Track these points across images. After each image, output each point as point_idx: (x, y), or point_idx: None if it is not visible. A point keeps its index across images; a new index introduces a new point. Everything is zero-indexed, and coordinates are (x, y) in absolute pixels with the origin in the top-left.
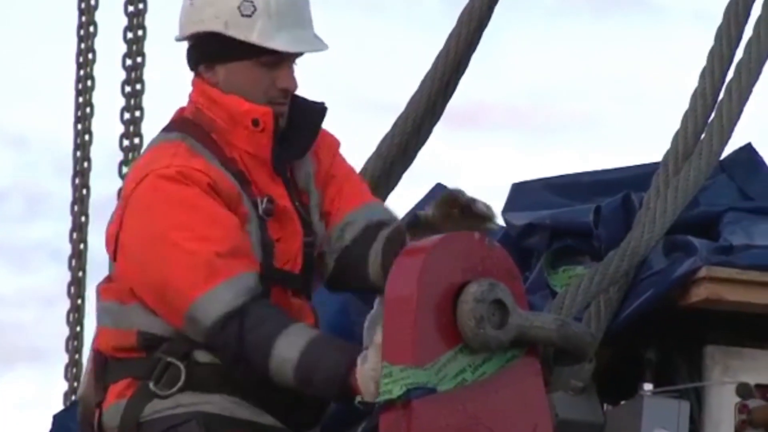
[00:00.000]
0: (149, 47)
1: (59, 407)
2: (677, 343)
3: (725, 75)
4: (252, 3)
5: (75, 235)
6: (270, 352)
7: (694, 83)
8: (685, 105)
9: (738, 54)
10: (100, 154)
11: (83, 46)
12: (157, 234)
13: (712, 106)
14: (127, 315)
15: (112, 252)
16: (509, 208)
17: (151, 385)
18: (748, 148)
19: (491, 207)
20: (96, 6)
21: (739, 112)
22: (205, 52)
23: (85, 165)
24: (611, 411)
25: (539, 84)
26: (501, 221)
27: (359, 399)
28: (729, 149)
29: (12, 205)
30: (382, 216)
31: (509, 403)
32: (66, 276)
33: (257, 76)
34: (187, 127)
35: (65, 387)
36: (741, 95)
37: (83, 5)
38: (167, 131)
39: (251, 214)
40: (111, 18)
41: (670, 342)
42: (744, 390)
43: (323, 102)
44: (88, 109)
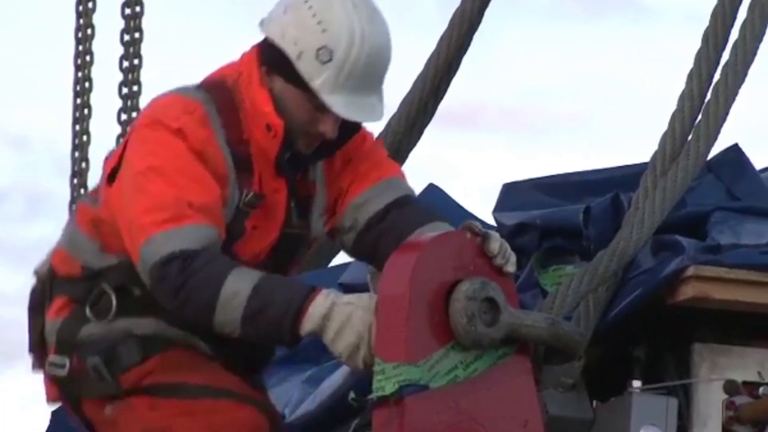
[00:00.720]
0: (146, 49)
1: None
2: (665, 341)
3: (712, 77)
4: (331, 52)
5: None
6: (220, 287)
7: (683, 85)
8: (674, 106)
9: (725, 56)
10: (98, 154)
11: (81, 48)
12: (143, 169)
13: (699, 107)
14: (81, 245)
15: (106, 175)
16: (500, 207)
17: (87, 311)
18: (734, 148)
19: (504, 244)
20: (93, 9)
21: (726, 113)
22: (272, 60)
23: (83, 165)
24: (600, 407)
25: (533, 85)
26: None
27: (352, 396)
28: (716, 150)
29: (12, 205)
30: (401, 194)
31: (500, 400)
32: None
33: (304, 108)
34: (219, 92)
35: None
36: (727, 97)
37: (81, 8)
38: (199, 88)
39: (232, 200)
40: (108, 21)
41: (658, 340)
42: (731, 387)
43: (355, 129)
44: (86, 111)
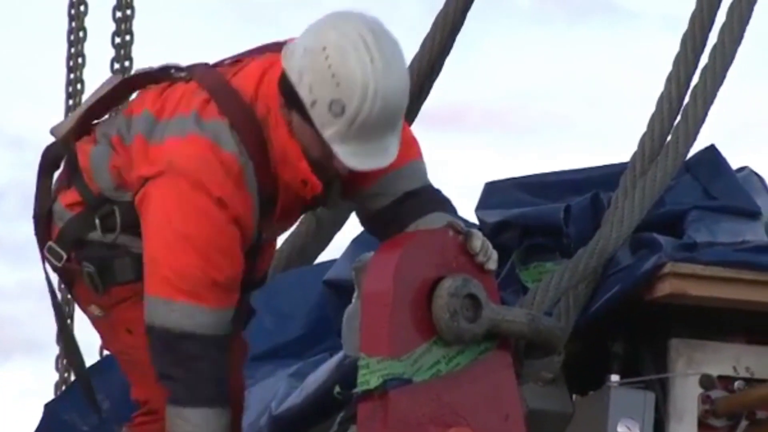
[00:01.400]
0: (136, 51)
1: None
2: (643, 337)
3: (690, 80)
4: (343, 107)
5: None
6: (186, 404)
7: (662, 87)
8: (654, 108)
9: (703, 59)
10: None
11: (73, 50)
12: (179, 235)
13: (677, 109)
14: (102, 175)
15: (140, 175)
16: (482, 206)
17: (96, 221)
18: (711, 149)
19: (486, 242)
20: (85, 12)
21: (704, 115)
22: (291, 98)
23: None
24: (580, 401)
25: (516, 87)
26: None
27: (337, 390)
28: (693, 150)
29: (10, 203)
30: (410, 186)
31: (482, 394)
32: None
33: (320, 146)
34: (248, 132)
35: (56, 378)
36: (705, 99)
37: (73, 11)
38: (231, 127)
39: (252, 237)
40: (100, 23)
41: (636, 335)
42: (707, 381)
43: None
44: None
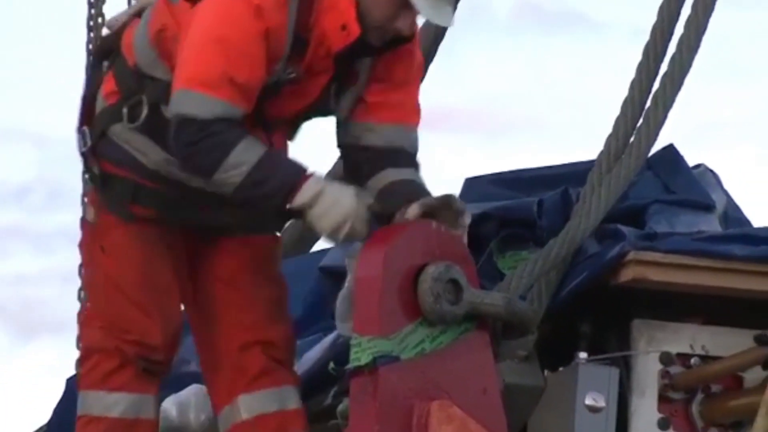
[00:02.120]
0: None
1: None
2: (608, 318)
3: (651, 86)
4: None
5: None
6: (224, 156)
7: (626, 92)
8: (618, 111)
9: (663, 67)
10: None
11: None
12: (213, 36)
13: (640, 112)
14: (141, 44)
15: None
16: (463, 199)
17: (124, 110)
18: (670, 148)
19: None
20: (102, 23)
21: (664, 118)
22: None
23: None
24: (551, 376)
25: (495, 92)
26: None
27: (332, 366)
28: (654, 149)
29: (35, 197)
30: (401, 144)
31: (463, 370)
32: (78, 258)
33: (389, 4)
34: None
35: (77, 355)
36: (665, 103)
37: (92, 23)
38: None
39: (276, 72)
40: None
41: (602, 317)
42: (666, 358)
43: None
44: None
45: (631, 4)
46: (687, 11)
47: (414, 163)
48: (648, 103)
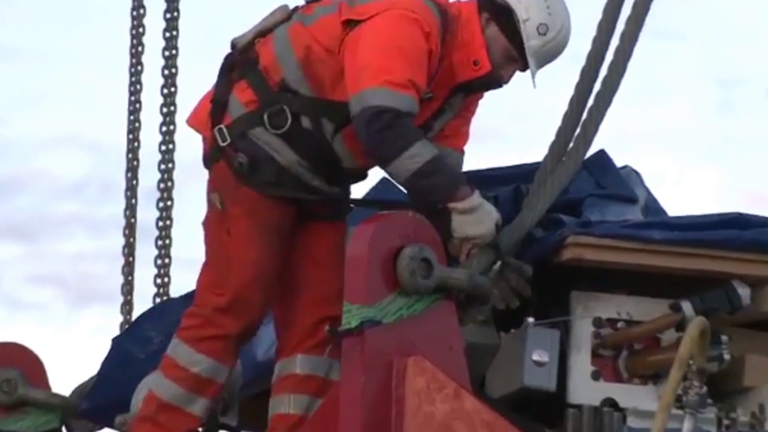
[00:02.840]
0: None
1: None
2: (552, 289)
3: (587, 101)
4: (547, 29)
5: (127, 212)
6: (410, 144)
7: (566, 107)
8: (560, 123)
9: (596, 87)
10: (145, 153)
11: (134, 60)
12: (393, 44)
13: (577, 123)
14: (288, 61)
15: (344, 19)
16: None
17: (265, 116)
18: (602, 152)
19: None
20: (143, 51)
21: (597, 128)
22: (497, 13)
23: (135, 163)
24: (504, 337)
25: None
26: None
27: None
28: (589, 153)
29: (90, 191)
30: (459, 165)
31: (433, 332)
32: (122, 241)
33: (502, 56)
34: (446, 17)
35: (121, 319)
36: (598, 117)
37: (135, 41)
38: (436, 4)
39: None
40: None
41: (546, 289)
42: (598, 322)
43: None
44: (137, 124)
45: (572, 35)
46: (616, 41)
47: None
48: (584, 116)
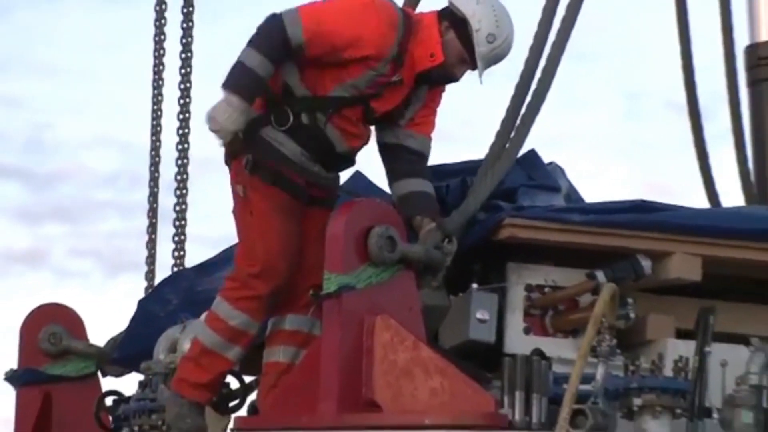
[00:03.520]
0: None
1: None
2: (492, 261)
3: (520, 110)
4: (494, 38)
5: (150, 199)
6: (246, 57)
7: (504, 114)
8: (498, 127)
9: (528, 98)
10: (164, 151)
11: (156, 88)
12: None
13: (512, 128)
14: (290, 69)
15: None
16: None
17: (272, 117)
18: (533, 151)
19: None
20: (164, 53)
21: (528, 132)
22: (455, 22)
23: (156, 159)
24: (454, 299)
25: None
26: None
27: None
28: (522, 152)
29: (122, 182)
30: (427, 151)
31: (396, 296)
32: (146, 222)
33: (456, 57)
34: (408, 19)
35: (145, 284)
36: (529, 122)
37: (157, 61)
38: (401, 9)
39: (388, 75)
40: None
41: (487, 260)
42: (529, 288)
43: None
44: (158, 128)
45: (508, 59)
46: (543, 62)
47: (428, 174)
48: (518, 122)
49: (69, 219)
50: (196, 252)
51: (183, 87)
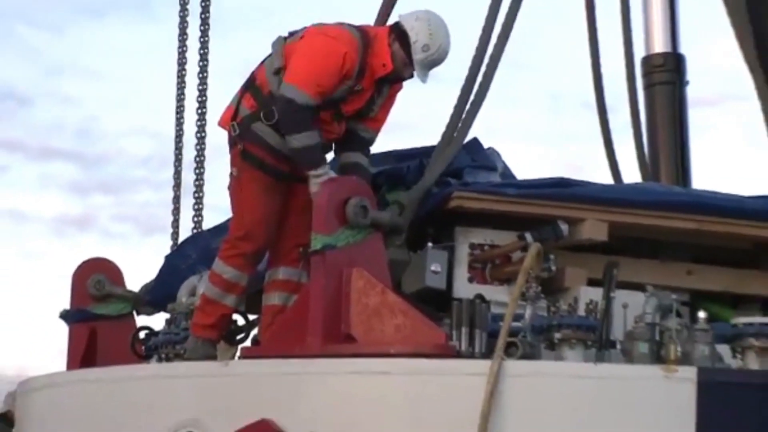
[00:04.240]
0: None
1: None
2: (443, 226)
3: (465, 105)
4: (428, 48)
5: (175, 176)
6: (295, 131)
7: (446, 114)
8: (447, 120)
9: (471, 97)
10: (186, 138)
11: (180, 88)
12: (311, 45)
13: (459, 120)
14: (273, 78)
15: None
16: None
17: (261, 114)
18: (475, 139)
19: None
20: (185, 69)
21: (471, 123)
22: (400, 36)
23: (180, 145)
24: (414, 255)
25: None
26: None
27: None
28: (467, 139)
29: (154, 163)
30: (374, 140)
31: (368, 252)
32: (171, 194)
33: (401, 63)
34: (365, 37)
35: (171, 243)
36: (471, 118)
37: (180, 66)
38: (353, 26)
39: (350, 84)
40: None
41: (440, 225)
42: (472, 246)
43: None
44: (181, 120)
45: (457, 67)
46: (484, 68)
47: (369, 155)
48: (464, 115)
49: (112, 192)
50: (211, 218)
51: (201, 87)
